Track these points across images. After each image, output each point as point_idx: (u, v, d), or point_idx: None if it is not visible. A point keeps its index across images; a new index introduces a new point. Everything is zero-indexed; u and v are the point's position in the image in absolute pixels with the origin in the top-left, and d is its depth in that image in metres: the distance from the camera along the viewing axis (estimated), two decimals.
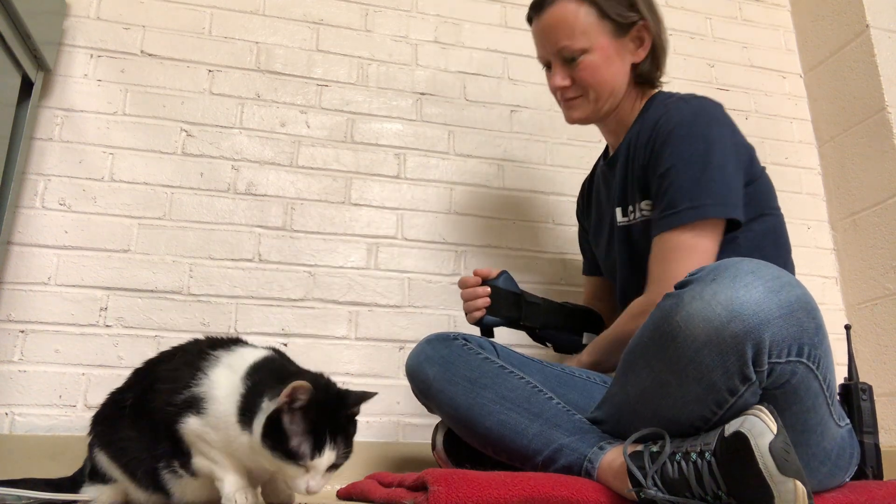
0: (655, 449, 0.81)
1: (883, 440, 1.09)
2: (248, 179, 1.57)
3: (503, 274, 1.27)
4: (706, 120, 1.11)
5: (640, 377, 0.88)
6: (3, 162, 1.31)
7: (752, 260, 0.81)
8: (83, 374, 1.37)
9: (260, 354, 0.95)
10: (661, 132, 1.12)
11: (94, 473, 1.00)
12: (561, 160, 1.79)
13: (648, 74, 1.23)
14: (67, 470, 1.09)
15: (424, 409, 1.16)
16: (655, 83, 1.26)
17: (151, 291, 1.45)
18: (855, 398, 1.00)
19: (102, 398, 1.04)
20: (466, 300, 1.26)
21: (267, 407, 0.84)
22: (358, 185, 1.64)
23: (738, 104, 1.96)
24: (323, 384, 0.89)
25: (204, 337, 1.01)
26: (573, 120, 1.27)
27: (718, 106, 1.15)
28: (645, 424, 0.86)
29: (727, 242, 1.09)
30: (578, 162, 1.77)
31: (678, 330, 0.80)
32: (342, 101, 1.69)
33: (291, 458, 0.83)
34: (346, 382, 1.47)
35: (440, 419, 1.17)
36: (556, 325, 1.32)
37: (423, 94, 1.74)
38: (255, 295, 1.50)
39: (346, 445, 0.87)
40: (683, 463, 0.76)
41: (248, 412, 0.86)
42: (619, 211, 1.24)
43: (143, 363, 1.02)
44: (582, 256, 1.52)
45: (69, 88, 1.52)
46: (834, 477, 0.91)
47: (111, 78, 1.55)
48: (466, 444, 1.08)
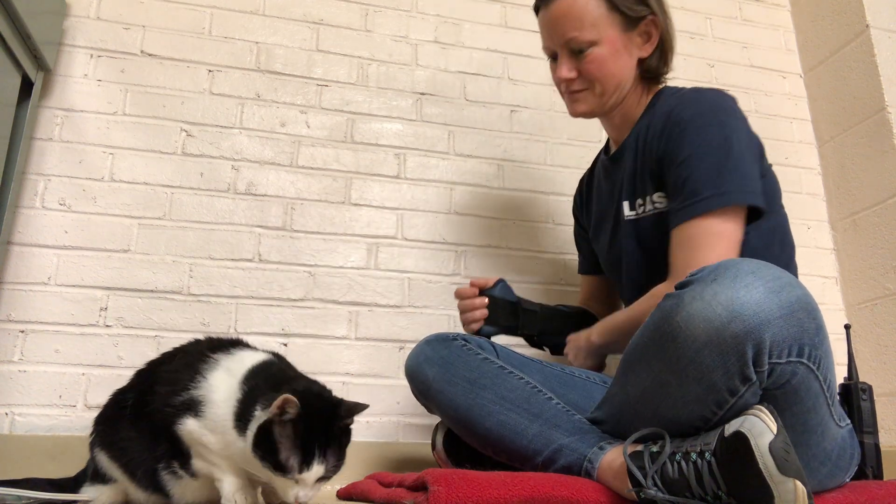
0: (655, 449, 0.81)
1: (883, 440, 1.09)
2: (248, 179, 1.57)
3: (500, 282, 1.26)
4: (723, 110, 1.10)
5: (640, 377, 0.88)
6: (3, 162, 1.31)
7: (752, 260, 0.81)
8: (83, 374, 1.37)
9: (259, 358, 0.95)
10: (677, 122, 1.10)
11: (95, 473, 1.00)
12: (561, 160, 1.79)
13: (655, 70, 1.22)
14: (67, 470, 1.09)
15: (424, 409, 1.16)
16: (661, 79, 1.24)
17: (151, 291, 1.45)
18: (855, 398, 1.00)
19: (102, 398, 1.04)
20: (463, 311, 1.26)
21: (259, 416, 0.85)
22: (358, 185, 1.64)
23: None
24: (316, 393, 0.89)
25: (205, 338, 1.01)
26: (577, 113, 1.25)
27: (733, 98, 1.14)
28: (645, 424, 0.86)
29: None
30: (578, 162, 1.77)
31: (679, 330, 0.80)
32: (342, 101, 1.69)
33: (280, 470, 0.83)
34: (346, 382, 1.50)
35: (440, 419, 1.17)
36: (553, 330, 1.31)
37: (423, 94, 1.74)
38: (255, 295, 1.50)
39: (336, 458, 0.87)
40: (683, 463, 0.76)
41: (243, 418, 0.86)
42: (626, 205, 1.22)
43: (144, 364, 1.03)
44: (578, 254, 1.51)
45: (69, 88, 1.52)
46: (834, 477, 0.91)
47: (111, 78, 1.55)
48: (466, 444, 1.08)
